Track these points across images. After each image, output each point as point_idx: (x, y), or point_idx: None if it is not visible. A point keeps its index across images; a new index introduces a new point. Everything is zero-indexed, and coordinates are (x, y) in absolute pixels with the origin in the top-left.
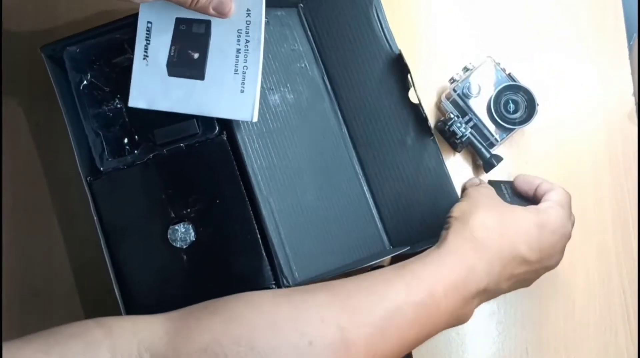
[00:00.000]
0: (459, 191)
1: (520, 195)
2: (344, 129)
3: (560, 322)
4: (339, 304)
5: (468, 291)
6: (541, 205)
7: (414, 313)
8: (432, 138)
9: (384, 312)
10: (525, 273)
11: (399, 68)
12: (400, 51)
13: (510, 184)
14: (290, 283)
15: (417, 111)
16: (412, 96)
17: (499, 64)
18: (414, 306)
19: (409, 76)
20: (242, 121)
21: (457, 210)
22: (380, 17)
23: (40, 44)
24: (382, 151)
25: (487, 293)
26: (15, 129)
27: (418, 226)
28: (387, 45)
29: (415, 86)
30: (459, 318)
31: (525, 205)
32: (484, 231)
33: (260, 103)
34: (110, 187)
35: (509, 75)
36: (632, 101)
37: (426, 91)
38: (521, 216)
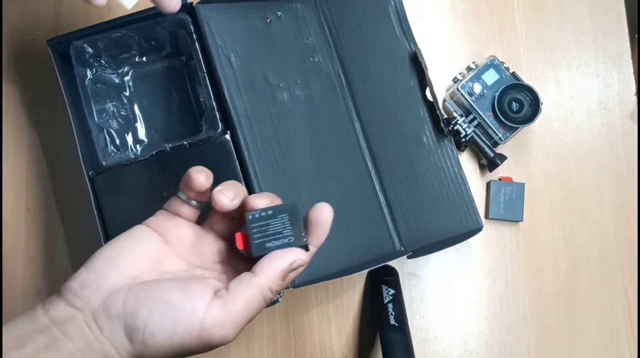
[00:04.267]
0: (472, 191)
1: None
2: (358, 125)
3: (562, 322)
4: None
5: None
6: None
7: None
8: (448, 137)
9: None
10: None
11: (416, 65)
12: (417, 49)
13: None
14: (289, 285)
15: (433, 109)
16: (429, 94)
17: (502, 63)
18: None
19: (426, 73)
20: (244, 121)
21: None
22: (400, 11)
23: (43, 40)
24: (397, 148)
25: None
26: (17, 127)
27: (431, 227)
28: (405, 40)
29: (432, 84)
30: None
31: None
32: None
33: (267, 102)
34: (112, 183)
35: (513, 74)
36: (634, 101)
37: None
38: None
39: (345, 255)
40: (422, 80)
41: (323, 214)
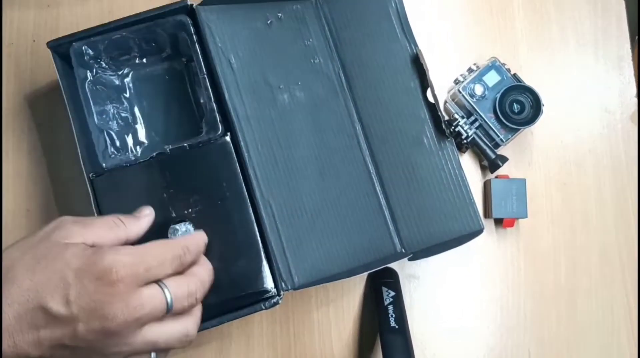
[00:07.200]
0: (474, 194)
1: None
2: (359, 127)
3: (562, 324)
4: None
5: None
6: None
7: None
8: (449, 138)
9: None
10: (65, 338)
11: (417, 66)
12: (418, 50)
13: None
14: (289, 287)
15: (434, 111)
16: (430, 96)
17: (504, 64)
18: None
19: (427, 75)
20: (244, 123)
21: None
22: (400, 12)
23: (43, 41)
24: (398, 150)
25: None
26: (17, 128)
27: (432, 228)
28: (406, 41)
29: (433, 86)
30: None
31: None
32: (9, 262)
33: (267, 104)
34: (112, 184)
35: (514, 75)
36: (635, 102)
37: None
38: (61, 253)
39: (345, 257)
40: (423, 81)
41: None
